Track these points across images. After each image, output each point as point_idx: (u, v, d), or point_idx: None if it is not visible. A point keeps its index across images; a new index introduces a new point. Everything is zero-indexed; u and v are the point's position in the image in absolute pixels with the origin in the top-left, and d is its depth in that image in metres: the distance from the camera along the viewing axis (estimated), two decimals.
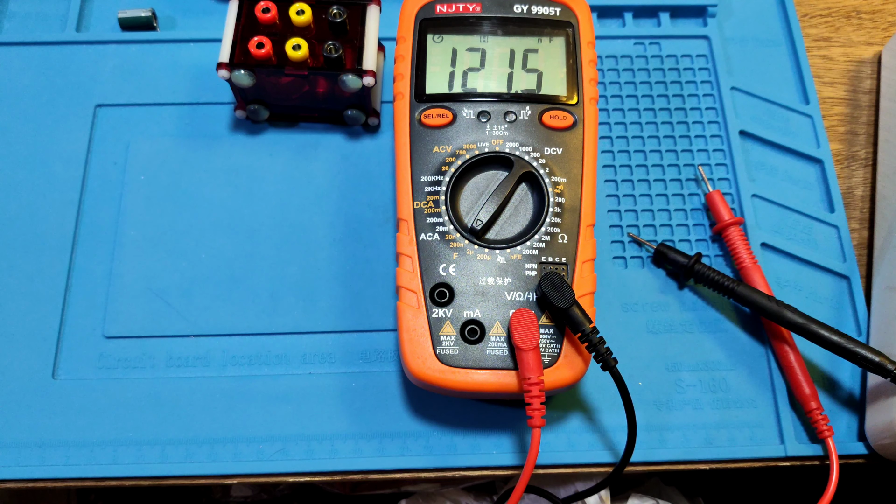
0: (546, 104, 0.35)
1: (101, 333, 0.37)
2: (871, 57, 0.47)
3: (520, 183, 0.34)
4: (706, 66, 0.44)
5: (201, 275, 0.38)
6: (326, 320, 0.37)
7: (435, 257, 0.33)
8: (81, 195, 0.40)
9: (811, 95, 0.44)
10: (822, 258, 0.40)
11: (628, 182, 0.41)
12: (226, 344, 0.37)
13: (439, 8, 0.37)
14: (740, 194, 0.41)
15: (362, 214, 0.40)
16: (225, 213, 0.39)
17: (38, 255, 0.38)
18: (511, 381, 0.31)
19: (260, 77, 0.38)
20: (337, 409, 0.36)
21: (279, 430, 0.35)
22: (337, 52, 0.37)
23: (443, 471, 0.35)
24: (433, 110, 0.35)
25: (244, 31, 0.38)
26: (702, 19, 0.46)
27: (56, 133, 0.41)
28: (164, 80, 0.43)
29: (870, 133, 0.45)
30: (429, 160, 0.34)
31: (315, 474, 0.35)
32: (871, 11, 0.48)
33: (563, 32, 0.37)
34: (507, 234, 0.34)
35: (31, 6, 0.45)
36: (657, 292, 0.39)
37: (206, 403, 0.35)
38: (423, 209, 0.34)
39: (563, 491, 0.42)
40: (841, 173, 0.43)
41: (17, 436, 0.35)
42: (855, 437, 0.36)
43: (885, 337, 0.36)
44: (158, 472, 0.34)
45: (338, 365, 0.36)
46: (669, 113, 0.43)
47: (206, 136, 0.42)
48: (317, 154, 0.41)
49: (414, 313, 0.32)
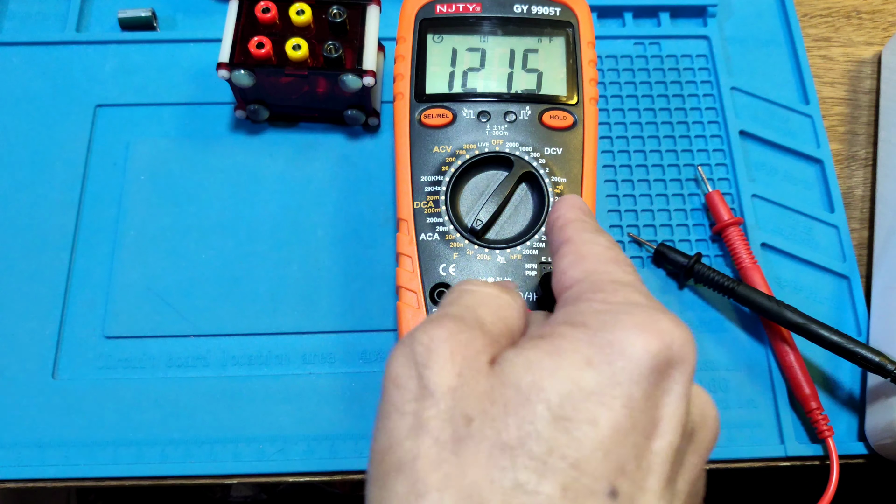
0: (546, 104, 0.35)
1: (101, 333, 0.37)
2: (871, 57, 0.47)
3: (520, 183, 0.34)
4: (706, 66, 0.44)
5: (201, 275, 0.38)
6: (326, 320, 0.37)
7: (435, 257, 0.33)
8: (81, 195, 0.40)
9: (811, 95, 0.44)
10: (822, 258, 0.40)
11: (628, 182, 0.41)
12: (226, 344, 0.37)
13: (439, 8, 0.37)
14: (740, 194, 0.41)
15: (362, 214, 0.40)
16: (225, 214, 0.39)
17: (38, 255, 0.38)
18: None
19: (260, 77, 0.38)
20: (337, 409, 0.36)
21: (279, 430, 0.35)
22: (337, 52, 0.37)
23: None
24: (433, 110, 0.35)
25: (244, 31, 0.38)
26: (702, 19, 0.46)
27: (56, 133, 0.41)
28: (164, 80, 0.43)
29: (870, 133, 0.45)
30: (429, 160, 0.34)
31: (315, 474, 0.35)
32: (871, 11, 0.48)
33: (563, 32, 0.37)
34: (508, 234, 0.34)
35: (31, 6, 0.45)
36: (657, 292, 0.39)
37: (206, 403, 0.35)
38: (423, 209, 0.34)
39: None
40: (841, 173, 0.43)
41: (17, 436, 0.35)
42: (855, 437, 0.36)
43: (885, 337, 0.36)
44: (158, 472, 0.34)
45: (338, 365, 0.36)
46: (669, 113, 0.43)
47: (206, 137, 0.42)
48: (317, 154, 0.41)
49: (414, 313, 0.32)
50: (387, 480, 0.18)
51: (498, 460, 0.17)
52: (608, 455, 0.17)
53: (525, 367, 0.18)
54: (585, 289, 0.20)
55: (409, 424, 0.18)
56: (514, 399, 0.17)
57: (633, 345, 0.18)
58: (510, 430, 0.17)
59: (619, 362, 0.18)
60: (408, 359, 0.19)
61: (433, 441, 0.17)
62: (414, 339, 0.20)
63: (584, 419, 0.17)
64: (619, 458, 0.17)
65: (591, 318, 0.19)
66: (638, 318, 0.18)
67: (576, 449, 0.17)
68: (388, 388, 0.19)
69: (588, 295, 0.20)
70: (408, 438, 0.18)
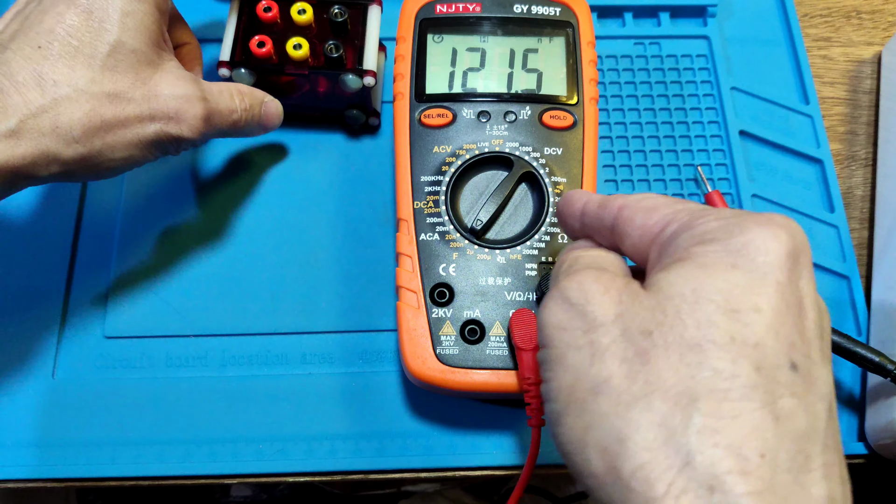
0: (546, 104, 0.35)
1: (101, 333, 0.37)
2: (871, 57, 0.47)
3: (520, 183, 0.34)
4: (706, 66, 0.44)
5: (201, 275, 0.38)
6: (326, 320, 0.37)
7: (435, 257, 0.33)
8: (81, 195, 0.40)
9: (811, 95, 0.44)
10: (822, 258, 0.40)
11: (628, 182, 0.41)
12: (225, 344, 0.37)
13: (439, 8, 0.37)
14: (740, 194, 0.41)
15: (362, 214, 0.40)
16: (225, 213, 0.39)
17: (38, 255, 0.38)
18: (511, 381, 0.31)
19: (261, 76, 0.38)
20: (337, 409, 0.36)
21: (279, 430, 0.35)
22: (338, 52, 0.37)
23: (443, 471, 0.35)
24: (433, 110, 0.35)
25: (245, 30, 0.38)
26: (702, 19, 0.46)
27: None
28: None
29: (870, 133, 0.45)
30: (429, 160, 0.34)
31: (315, 474, 0.35)
32: (871, 11, 0.48)
33: (563, 32, 0.37)
34: (507, 234, 0.34)
35: None
36: None
37: (205, 403, 0.35)
38: (423, 209, 0.34)
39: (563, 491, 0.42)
40: (841, 173, 0.43)
41: (17, 436, 0.35)
42: (855, 437, 0.36)
43: (885, 337, 0.36)
44: (158, 472, 0.34)
45: (338, 365, 0.36)
46: (669, 113, 0.43)
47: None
48: (317, 154, 0.41)
49: (414, 313, 0.32)
50: (585, 406, 0.20)
51: (690, 358, 0.19)
52: (778, 334, 0.19)
53: (683, 280, 0.20)
54: (684, 221, 0.22)
55: (588, 355, 0.20)
56: (684, 305, 0.19)
57: (765, 241, 0.20)
58: (690, 330, 0.19)
59: (759, 258, 0.20)
60: (565, 304, 0.22)
61: (620, 360, 0.20)
62: (563, 289, 0.22)
63: (749, 308, 0.19)
64: (788, 336, 0.19)
65: (715, 233, 0.21)
66: (757, 220, 0.21)
67: (752, 333, 0.19)
68: (554, 335, 0.21)
69: (694, 223, 0.22)
70: (592, 366, 0.20)
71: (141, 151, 0.30)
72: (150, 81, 0.30)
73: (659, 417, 0.18)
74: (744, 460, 0.17)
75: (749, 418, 0.18)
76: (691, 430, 0.18)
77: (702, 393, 0.18)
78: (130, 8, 0.29)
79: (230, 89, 0.34)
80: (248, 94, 0.35)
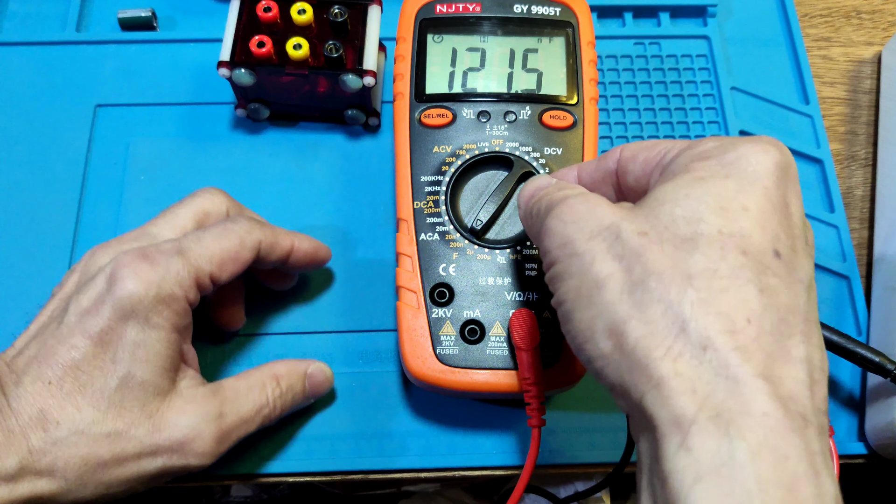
0: (546, 104, 0.35)
1: None
2: (871, 57, 0.47)
3: (520, 183, 0.34)
4: (706, 66, 0.44)
5: None
6: (326, 320, 0.37)
7: (435, 257, 0.33)
8: (81, 195, 0.40)
9: (811, 95, 0.44)
10: (822, 258, 0.40)
11: None
12: (225, 344, 0.37)
13: (439, 8, 0.37)
14: None
15: (362, 214, 0.40)
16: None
17: (38, 255, 0.38)
18: (511, 381, 0.31)
19: (261, 76, 0.38)
20: (337, 409, 0.36)
21: (279, 430, 0.35)
22: (338, 52, 0.37)
23: (443, 471, 0.35)
24: (433, 110, 0.35)
25: (245, 30, 0.38)
26: (702, 19, 0.46)
27: (56, 133, 0.41)
28: (164, 80, 0.43)
29: (870, 133, 0.45)
30: (429, 160, 0.34)
31: (315, 474, 0.35)
32: (871, 11, 0.48)
33: (562, 32, 0.37)
34: (507, 234, 0.34)
35: (31, 6, 0.45)
36: None
37: None
38: (423, 209, 0.34)
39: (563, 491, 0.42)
40: (841, 173, 0.43)
41: None
42: (855, 437, 0.36)
43: (885, 337, 0.36)
44: None
45: (338, 365, 0.36)
46: (669, 113, 0.43)
47: (206, 136, 0.42)
48: (317, 154, 0.41)
49: (414, 313, 0.32)
50: (591, 300, 0.22)
51: (683, 247, 0.21)
52: (764, 228, 0.21)
53: (677, 188, 0.22)
54: (683, 146, 0.24)
55: (589, 258, 0.22)
56: (677, 208, 0.22)
57: (756, 154, 0.22)
58: (682, 227, 0.21)
59: (749, 168, 0.22)
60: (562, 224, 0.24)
61: (618, 258, 0.22)
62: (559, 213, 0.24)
63: (738, 207, 0.21)
64: (773, 230, 0.21)
65: (710, 151, 0.23)
66: (749, 139, 0.23)
67: (739, 227, 0.21)
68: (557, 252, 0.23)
69: (693, 145, 0.24)
70: (594, 265, 0.22)
71: (143, 485, 0.29)
72: (156, 414, 0.29)
73: (657, 296, 0.21)
74: (732, 323, 0.20)
75: (736, 291, 0.20)
76: (685, 303, 0.20)
77: (694, 273, 0.20)
78: (143, 338, 0.28)
79: (262, 379, 0.32)
80: (285, 374, 0.33)
